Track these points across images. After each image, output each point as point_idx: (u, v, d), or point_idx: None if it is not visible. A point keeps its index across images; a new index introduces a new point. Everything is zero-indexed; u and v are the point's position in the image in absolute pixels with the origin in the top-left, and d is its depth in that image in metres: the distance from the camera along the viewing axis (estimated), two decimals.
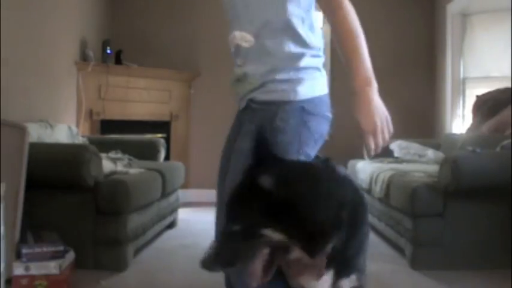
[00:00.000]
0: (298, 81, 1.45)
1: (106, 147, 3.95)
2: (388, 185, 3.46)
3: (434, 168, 3.39)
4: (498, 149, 3.35)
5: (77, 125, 4.52)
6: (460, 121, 5.17)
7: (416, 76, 5.67)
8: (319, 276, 1.27)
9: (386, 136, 1.39)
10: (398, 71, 5.63)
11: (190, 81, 5.53)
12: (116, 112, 4.95)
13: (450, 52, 5.23)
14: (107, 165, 3.23)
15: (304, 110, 1.44)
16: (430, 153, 4.42)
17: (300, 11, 1.46)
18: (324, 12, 1.48)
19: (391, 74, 5.63)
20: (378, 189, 3.66)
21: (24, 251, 2.55)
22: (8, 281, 2.48)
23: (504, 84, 4.44)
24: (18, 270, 2.52)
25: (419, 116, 5.61)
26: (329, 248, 1.21)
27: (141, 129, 5.03)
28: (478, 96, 4.57)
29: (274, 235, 1.17)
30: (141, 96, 5.15)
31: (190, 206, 4.98)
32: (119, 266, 2.93)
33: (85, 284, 2.71)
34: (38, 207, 2.83)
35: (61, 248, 2.63)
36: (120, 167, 3.46)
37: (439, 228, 3.03)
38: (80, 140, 3.97)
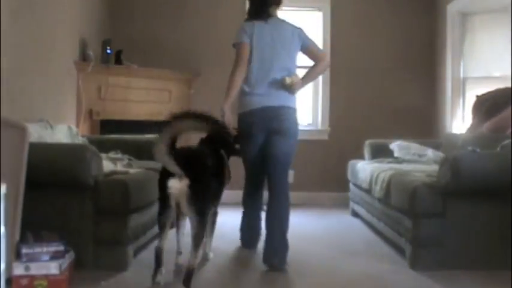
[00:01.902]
0: None
1: (106, 147, 3.94)
2: (388, 185, 3.46)
3: (434, 168, 3.38)
4: (498, 149, 3.35)
5: (77, 125, 4.52)
6: (460, 121, 5.17)
7: (416, 76, 5.66)
8: None
9: None
10: (398, 71, 5.64)
11: (190, 81, 5.53)
12: (116, 112, 4.95)
13: (450, 52, 5.23)
14: (107, 165, 3.23)
15: None
16: (430, 153, 4.42)
17: None
18: None
19: (392, 74, 5.63)
20: (377, 189, 3.66)
21: (24, 251, 2.55)
22: (8, 281, 2.48)
23: (504, 84, 4.43)
24: (18, 270, 2.51)
25: (419, 116, 5.61)
26: None
27: (141, 129, 5.02)
28: (478, 96, 4.57)
29: None
30: (141, 96, 5.15)
31: None
32: (119, 266, 2.93)
33: (85, 284, 2.71)
34: (38, 207, 2.83)
35: (61, 248, 2.63)
36: (120, 167, 3.46)
37: (439, 228, 3.03)
38: (80, 140, 3.96)
